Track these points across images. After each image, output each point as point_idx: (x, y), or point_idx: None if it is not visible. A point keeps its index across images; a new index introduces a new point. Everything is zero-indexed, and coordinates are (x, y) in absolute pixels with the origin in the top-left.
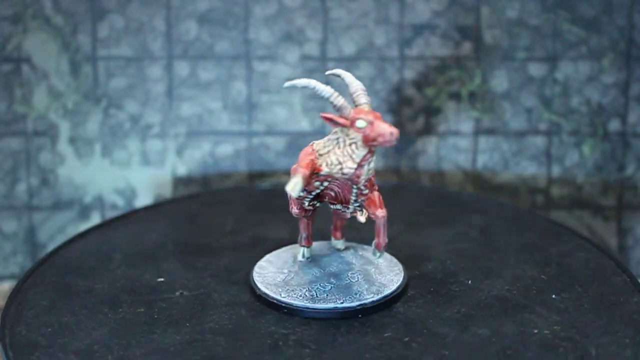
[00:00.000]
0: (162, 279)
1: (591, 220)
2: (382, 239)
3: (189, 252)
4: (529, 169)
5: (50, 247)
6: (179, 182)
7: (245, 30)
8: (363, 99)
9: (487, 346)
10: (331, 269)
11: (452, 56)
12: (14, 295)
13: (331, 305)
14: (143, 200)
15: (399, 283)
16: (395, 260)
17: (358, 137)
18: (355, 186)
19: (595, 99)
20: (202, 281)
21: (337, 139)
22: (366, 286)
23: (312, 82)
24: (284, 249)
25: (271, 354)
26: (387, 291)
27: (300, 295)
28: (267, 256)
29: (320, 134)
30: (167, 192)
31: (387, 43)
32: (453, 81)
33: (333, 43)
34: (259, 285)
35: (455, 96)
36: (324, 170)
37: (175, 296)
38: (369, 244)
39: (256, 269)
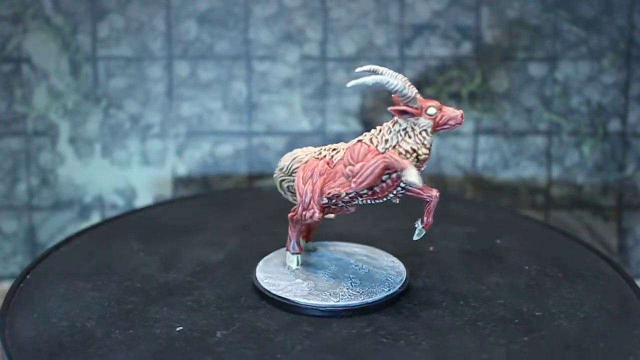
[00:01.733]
0: (180, 328)
1: (591, 220)
2: (431, 218)
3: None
4: (529, 169)
5: (50, 246)
6: (179, 182)
7: (245, 30)
8: (414, 89)
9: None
10: (332, 269)
11: (452, 56)
12: (13, 295)
13: (358, 301)
14: (143, 200)
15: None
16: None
17: (429, 123)
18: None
19: (595, 99)
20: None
21: (403, 129)
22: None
23: (380, 78)
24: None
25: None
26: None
27: (327, 298)
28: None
29: (319, 134)
30: (167, 192)
31: (387, 43)
32: (453, 81)
33: (333, 43)
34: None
35: (455, 96)
36: None
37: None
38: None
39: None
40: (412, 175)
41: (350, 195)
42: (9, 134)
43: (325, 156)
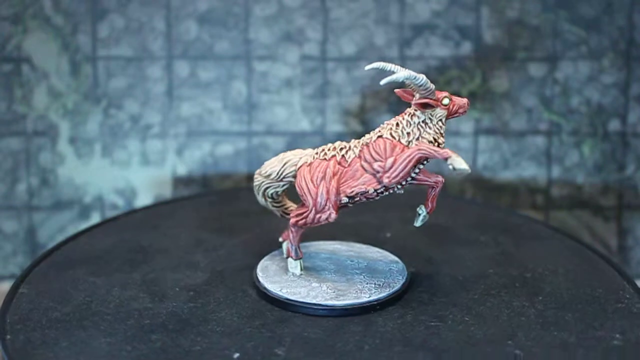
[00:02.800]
0: (237, 355)
1: (591, 220)
2: (435, 203)
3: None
4: (529, 169)
5: (50, 247)
6: (179, 182)
7: (245, 30)
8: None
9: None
10: (332, 267)
11: (452, 56)
12: (13, 294)
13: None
14: (143, 200)
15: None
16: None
17: (444, 113)
18: (426, 160)
19: (595, 99)
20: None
21: (422, 121)
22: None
23: (409, 73)
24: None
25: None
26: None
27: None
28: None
29: (319, 134)
30: (167, 192)
31: (387, 43)
32: (453, 81)
33: (333, 43)
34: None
35: (455, 96)
36: None
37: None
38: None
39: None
40: (461, 163)
41: (378, 191)
42: (9, 134)
43: (334, 156)
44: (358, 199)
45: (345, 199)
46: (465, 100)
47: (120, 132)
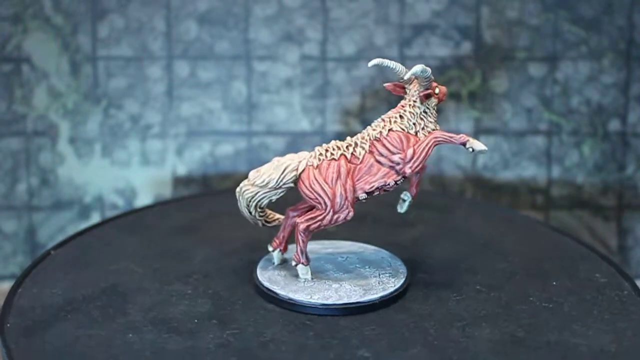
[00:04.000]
0: None
1: (591, 220)
2: (418, 189)
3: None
4: (529, 169)
5: (50, 247)
6: (179, 182)
7: (245, 30)
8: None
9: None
10: (332, 267)
11: (452, 56)
12: (13, 294)
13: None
14: (143, 200)
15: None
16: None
17: (435, 102)
18: None
19: (595, 99)
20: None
21: (423, 111)
22: (385, 269)
23: (423, 67)
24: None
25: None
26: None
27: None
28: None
29: (319, 134)
30: (167, 192)
31: (387, 43)
32: (453, 81)
33: (333, 43)
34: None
35: (455, 96)
36: None
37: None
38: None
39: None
40: (479, 145)
41: (398, 182)
42: (9, 134)
43: (342, 155)
44: (377, 193)
45: (363, 195)
46: (445, 87)
47: (120, 132)
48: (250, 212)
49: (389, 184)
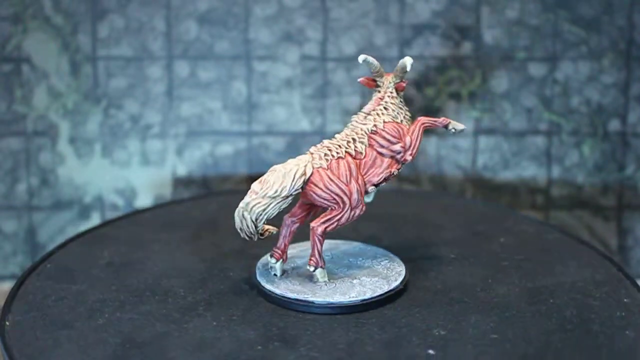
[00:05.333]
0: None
1: (591, 220)
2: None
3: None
4: (529, 169)
5: (50, 247)
6: (179, 182)
7: (245, 30)
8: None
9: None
10: (338, 266)
11: (452, 56)
12: (14, 295)
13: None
14: (143, 200)
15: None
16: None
17: (402, 92)
18: None
19: (595, 99)
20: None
21: (400, 101)
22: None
23: (408, 58)
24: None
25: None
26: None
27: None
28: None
29: (319, 134)
30: (167, 192)
31: (387, 43)
32: (453, 81)
33: (333, 43)
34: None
35: (455, 96)
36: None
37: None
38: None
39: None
40: (459, 125)
41: (399, 170)
42: (9, 134)
43: (347, 152)
44: (383, 183)
45: (372, 188)
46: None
47: (120, 132)
48: (257, 227)
49: (393, 174)
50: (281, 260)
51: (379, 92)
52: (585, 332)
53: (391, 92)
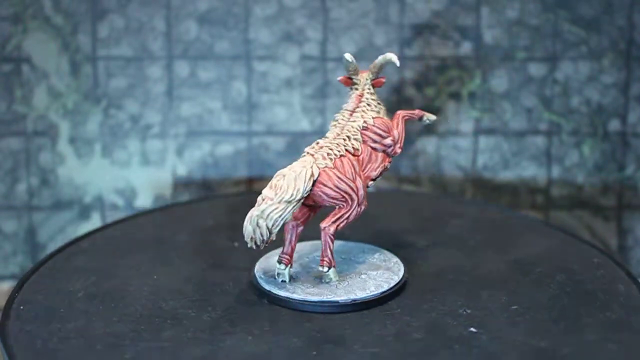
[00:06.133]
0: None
1: (591, 220)
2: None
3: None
4: (529, 169)
5: (50, 247)
6: (179, 182)
7: (245, 30)
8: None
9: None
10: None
11: (452, 56)
12: (15, 295)
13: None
14: (143, 200)
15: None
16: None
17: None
18: None
19: (595, 99)
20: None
21: (376, 97)
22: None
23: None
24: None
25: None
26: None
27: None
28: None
29: (319, 134)
30: (167, 192)
31: (387, 43)
32: (453, 81)
33: (333, 43)
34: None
35: (455, 96)
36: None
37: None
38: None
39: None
40: (432, 115)
41: (390, 163)
42: (9, 134)
43: (347, 150)
44: (379, 178)
45: (371, 183)
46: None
47: (120, 132)
48: (271, 234)
49: (387, 168)
50: (289, 265)
51: (357, 89)
52: (585, 293)
53: (369, 89)
